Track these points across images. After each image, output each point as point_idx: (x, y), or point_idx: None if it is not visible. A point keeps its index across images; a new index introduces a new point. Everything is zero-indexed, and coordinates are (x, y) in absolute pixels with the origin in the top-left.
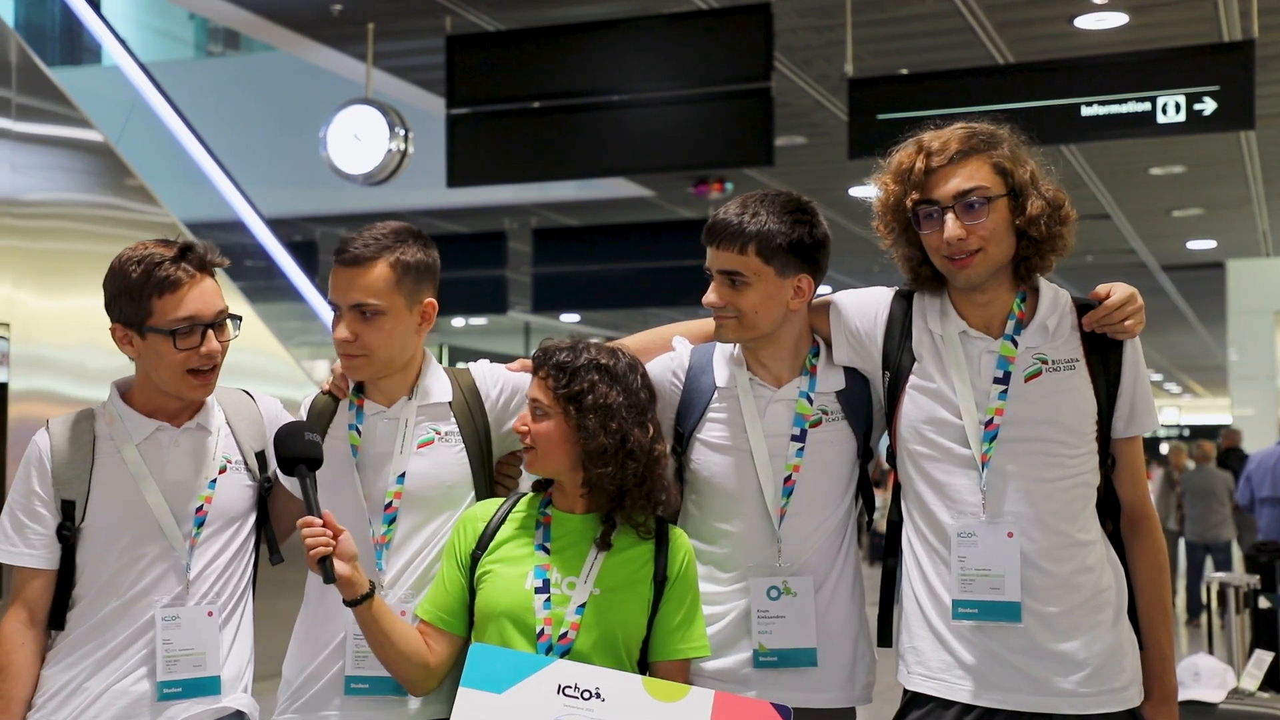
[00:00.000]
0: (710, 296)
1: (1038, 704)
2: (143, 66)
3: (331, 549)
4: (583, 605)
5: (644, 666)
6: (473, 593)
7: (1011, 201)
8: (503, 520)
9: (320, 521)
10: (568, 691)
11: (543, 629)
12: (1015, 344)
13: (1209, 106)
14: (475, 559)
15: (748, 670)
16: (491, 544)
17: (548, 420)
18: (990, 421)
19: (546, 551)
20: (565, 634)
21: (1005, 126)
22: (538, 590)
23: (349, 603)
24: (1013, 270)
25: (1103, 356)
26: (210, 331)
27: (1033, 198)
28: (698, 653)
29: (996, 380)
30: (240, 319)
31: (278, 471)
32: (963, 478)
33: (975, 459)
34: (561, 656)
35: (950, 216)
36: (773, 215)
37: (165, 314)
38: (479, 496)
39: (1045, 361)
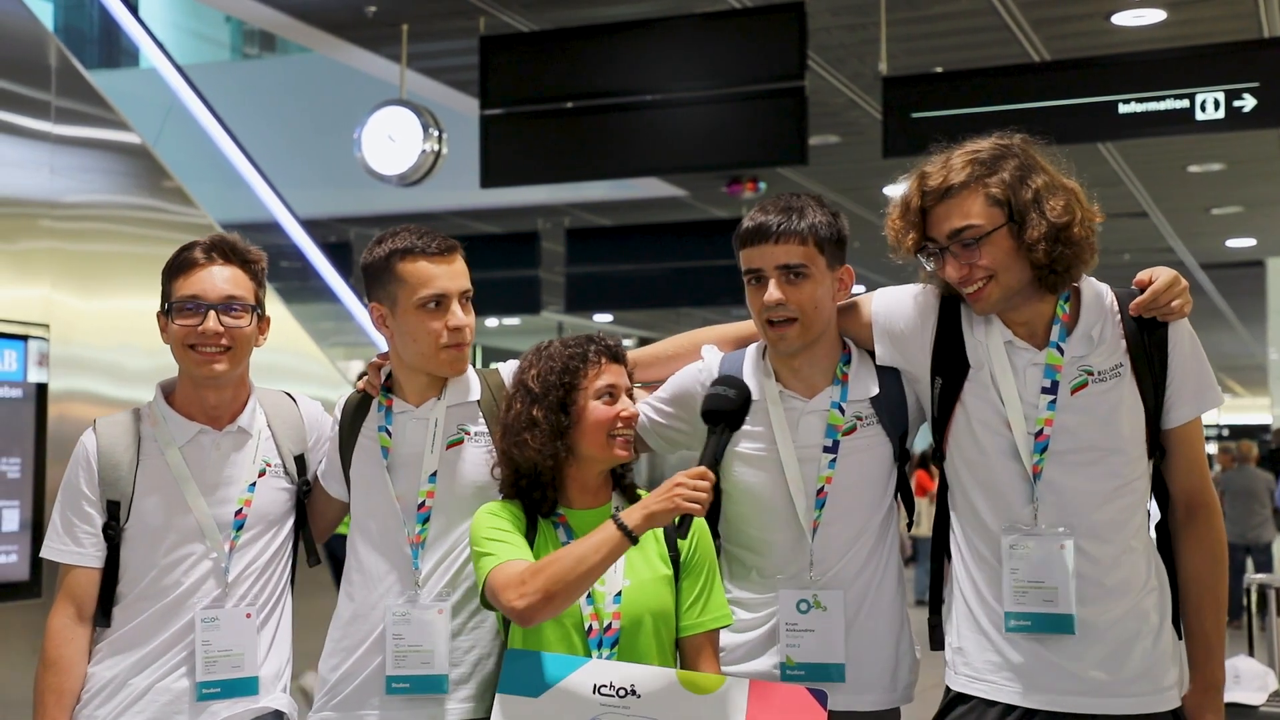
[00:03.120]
0: (773, 294)
1: (1083, 704)
2: (180, 69)
3: (702, 512)
4: (619, 594)
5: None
6: None
7: (1013, 228)
8: (533, 522)
9: (712, 481)
10: (603, 691)
11: (590, 625)
12: (1061, 351)
13: (1249, 103)
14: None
15: (778, 677)
16: (535, 539)
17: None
18: (1040, 432)
19: None
20: (610, 625)
21: (1016, 136)
22: None
23: (633, 538)
24: (1038, 286)
25: (1147, 349)
26: (212, 312)
27: (1032, 223)
28: (720, 622)
29: (1044, 390)
30: (260, 309)
31: (316, 475)
32: (1014, 489)
33: (1027, 470)
34: (611, 647)
35: (949, 256)
36: (814, 210)
37: (175, 292)
38: None
39: (1090, 373)
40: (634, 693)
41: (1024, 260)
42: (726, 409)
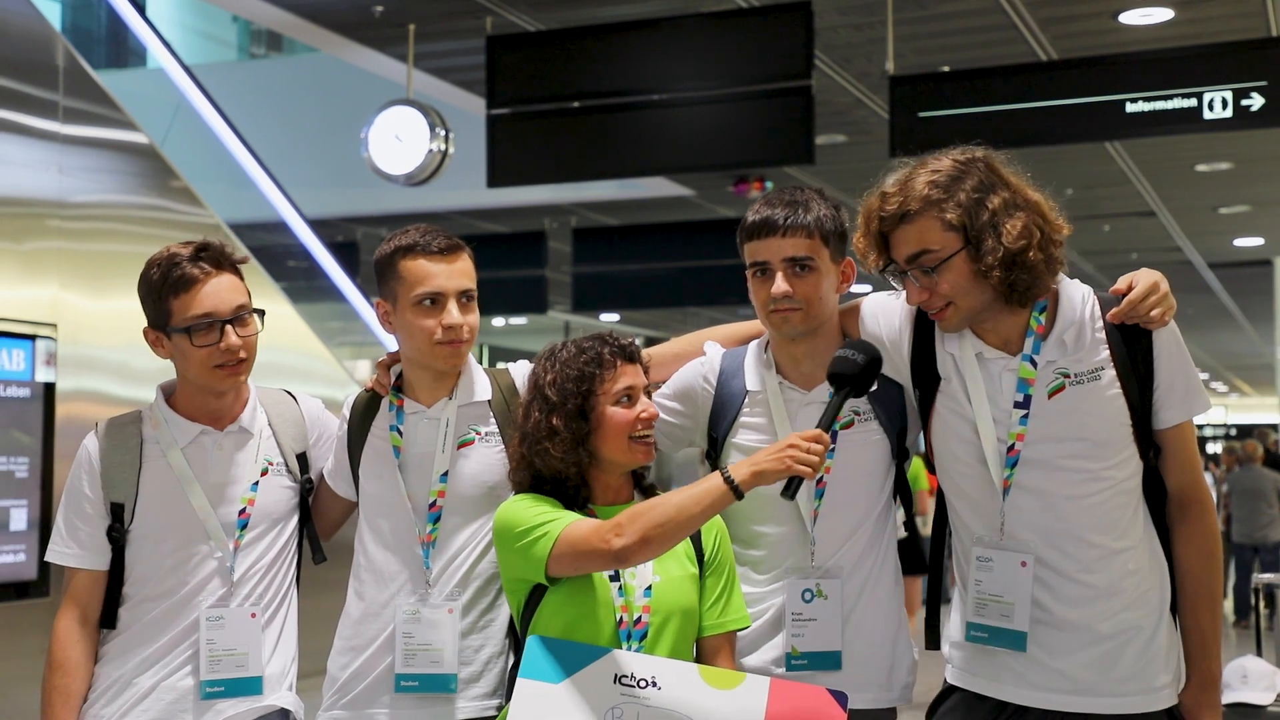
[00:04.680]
0: (780, 286)
1: (1072, 704)
2: (187, 69)
3: (813, 476)
4: (649, 587)
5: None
6: None
7: (971, 251)
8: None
9: (827, 444)
10: (624, 681)
11: (621, 616)
12: (1034, 364)
13: (1256, 102)
14: None
15: (780, 671)
16: None
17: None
18: (1012, 447)
19: None
20: (640, 618)
21: (978, 150)
22: (611, 578)
23: (739, 494)
24: (1005, 302)
25: (1131, 351)
26: (229, 326)
27: (988, 248)
28: (739, 624)
29: (1017, 404)
30: (263, 312)
31: (322, 474)
32: (986, 498)
33: (996, 484)
34: (640, 640)
35: (908, 280)
36: (818, 204)
37: (182, 312)
38: None
39: (1067, 375)
40: (654, 684)
41: (983, 282)
42: (849, 372)
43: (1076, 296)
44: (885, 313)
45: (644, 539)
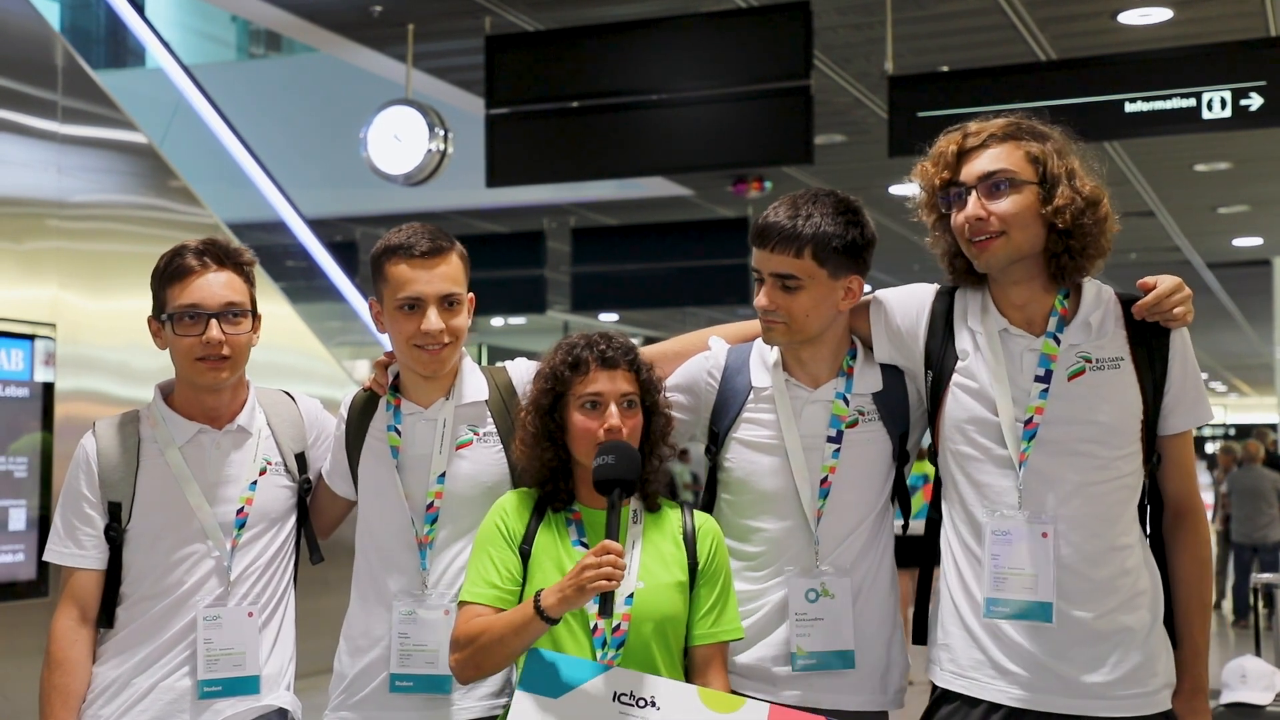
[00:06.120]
0: (761, 300)
1: (1068, 705)
2: (186, 69)
3: (616, 585)
4: (630, 595)
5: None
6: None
7: (1041, 191)
8: (542, 515)
9: (619, 552)
10: (623, 699)
11: (596, 624)
12: (1057, 341)
13: (1255, 102)
14: (525, 553)
15: (780, 669)
16: (536, 536)
17: (639, 412)
18: (1030, 420)
19: (585, 546)
20: (619, 626)
21: (1056, 128)
22: None
23: (549, 620)
24: (1046, 268)
25: (1149, 349)
26: (213, 321)
27: (1063, 189)
28: (731, 635)
29: (1038, 379)
30: (259, 316)
31: (320, 474)
32: (1001, 478)
33: (1013, 458)
34: (617, 649)
35: (972, 196)
36: (826, 217)
37: (173, 301)
38: None
39: (1089, 360)
40: (654, 704)
41: (1040, 226)
42: (614, 477)
43: (1099, 287)
44: (899, 304)
45: (475, 665)
